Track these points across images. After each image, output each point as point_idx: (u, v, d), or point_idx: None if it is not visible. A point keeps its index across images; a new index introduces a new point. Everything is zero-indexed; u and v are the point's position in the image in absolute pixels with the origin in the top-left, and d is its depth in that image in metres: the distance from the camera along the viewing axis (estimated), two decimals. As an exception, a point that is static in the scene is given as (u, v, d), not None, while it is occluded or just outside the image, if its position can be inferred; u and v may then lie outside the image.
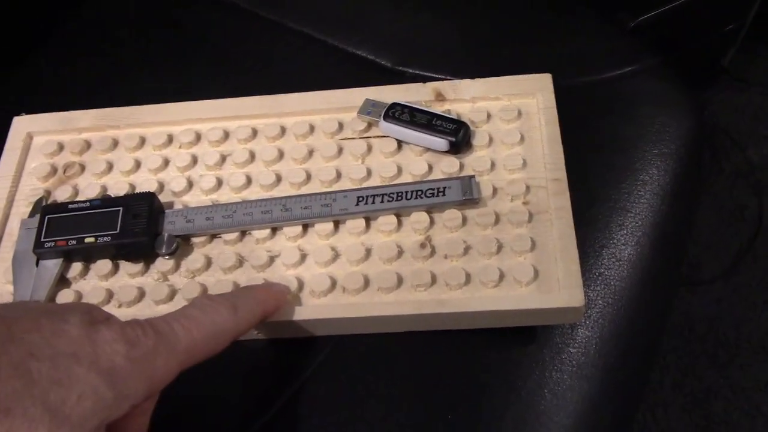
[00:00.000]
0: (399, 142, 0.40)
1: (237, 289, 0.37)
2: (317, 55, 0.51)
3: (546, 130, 0.39)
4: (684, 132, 0.48)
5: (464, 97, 0.41)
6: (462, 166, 0.39)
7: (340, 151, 0.41)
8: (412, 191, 0.37)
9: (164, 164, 0.42)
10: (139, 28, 0.55)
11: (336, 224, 0.38)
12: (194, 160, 0.42)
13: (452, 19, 0.53)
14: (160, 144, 0.42)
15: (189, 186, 0.41)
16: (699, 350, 0.82)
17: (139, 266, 0.38)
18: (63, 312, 0.25)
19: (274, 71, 0.50)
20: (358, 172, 0.39)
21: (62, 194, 0.41)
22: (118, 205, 0.38)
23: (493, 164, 0.39)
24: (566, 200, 0.37)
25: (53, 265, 0.37)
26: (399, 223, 0.38)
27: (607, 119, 0.47)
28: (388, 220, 0.38)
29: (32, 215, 0.39)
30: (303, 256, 0.37)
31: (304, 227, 0.38)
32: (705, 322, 0.84)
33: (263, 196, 0.40)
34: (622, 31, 0.54)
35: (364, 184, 0.39)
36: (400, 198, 0.37)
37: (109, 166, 0.42)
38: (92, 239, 0.37)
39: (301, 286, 0.37)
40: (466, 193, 0.37)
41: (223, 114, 0.43)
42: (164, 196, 0.40)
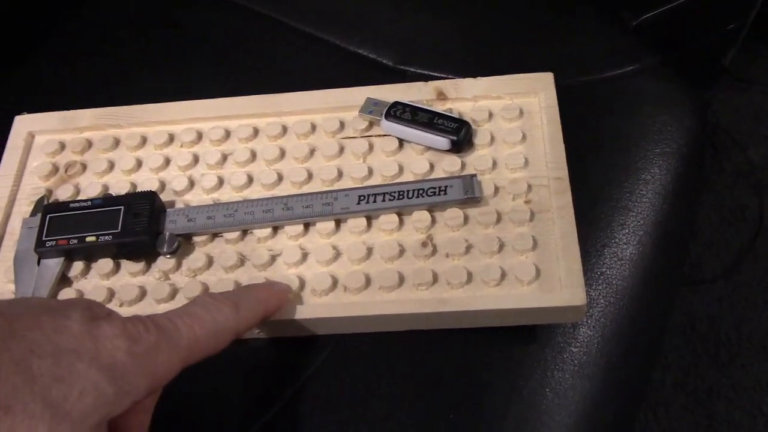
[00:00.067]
0: (400, 141, 0.40)
1: (238, 288, 0.36)
2: (318, 54, 0.51)
3: (548, 129, 0.39)
4: (685, 131, 0.48)
5: (466, 95, 0.41)
6: (463, 165, 0.39)
7: (342, 150, 0.41)
8: (413, 190, 0.37)
9: (165, 163, 0.42)
10: (139, 28, 0.55)
11: (337, 223, 0.38)
12: (195, 159, 0.42)
13: (453, 18, 0.53)
14: (162, 143, 0.42)
15: (190, 185, 0.41)
16: (700, 349, 0.82)
17: (140, 265, 0.38)
18: (64, 308, 0.25)
19: (275, 70, 0.50)
20: (359, 171, 0.39)
21: (64, 193, 0.41)
22: (120, 204, 0.38)
23: (494, 163, 0.39)
24: (568, 199, 0.37)
25: (55, 264, 0.38)
26: (400, 222, 0.38)
27: (608, 119, 0.47)
28: (389, 219, 0.37)
29: (34, 214, 0.39)
30: (304, 255, 0.37)
31: (306, 226, 0.38)
32: (706, 321, 0.84)
33: (264, 195, 0.40)
34: (623, 31, 0.54)
35: (366, 183, 0.39)
36: (401, 197, 0.37)
37: (111, 165, 0.42)
38: (93, 238, 0.37)
39: (302, 285, 0.37)
40: (468, 192, 0.37)
41: (224, 113, 0.43)
42: (165, 195, 0.40)
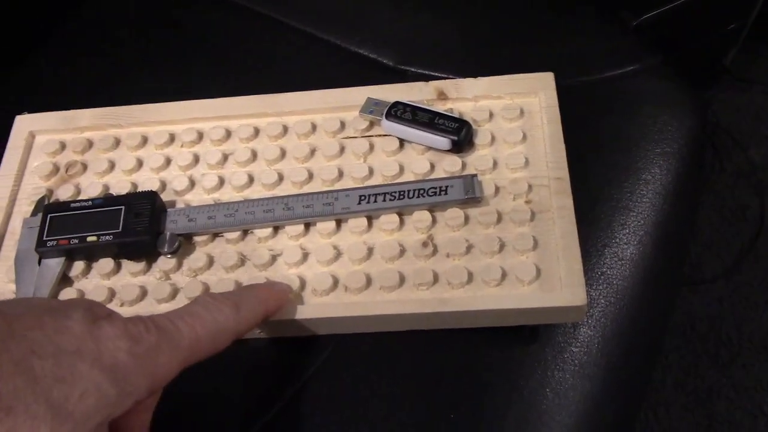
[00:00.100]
0: (401, 140, 0.40)
1: (239, 288, 0.37)
2: (319, 53, 0.51)
3: (548, 129, 0.39)
4: (686, 131, 0.48)
5: (466, 95, 0.41)
6: (464, 165, 0.39)
7: (342, 150, 0.41)
8: (414, 190, 0.37)
9: (166, 163, 0.42)
10: (139, 28, 0.55)
11: (338, 223, 0.38)
12: (196, 159, 0.42)
13: (454, 18, 0.53)
14: (162, 143, 0.42)
15: (191, 185, 0.41)
16: (701, 350, 0.82)
17: (141, 265, 0.38)
18: (65, 308, 0.25)
19: (276, 70, 0.50)
20: (360, 170, 0.39)
21: (64, 193, 0.41)
22: (120, 204, 0.38)
23: (495, 163, 0.39)
24: (568, 199, 0.37)
25: (55, 263, 0.38)
26: (401, 221, 0.38)
27: (608, 119, 0.47)
28: (390, 219, 0.37)
29: (34, 214, 0.39)
30: (305, 255, 0.37)
31: (306, 226, 0.38)
32: (707, 321, 0.84)
33: (265, 194, 0.40)
34: (624, 31, 0.54)
35: (366, 183, 0.39)
36: (402, 197, 0.37)
37: (111, 165, 0.42)
38: (94, 238, 0.37)
39: (303, 285, 0.37)
40: (468, 192, 0.37)
41: (224, 113, 0.43)
42: (166, 195, 0.40)
